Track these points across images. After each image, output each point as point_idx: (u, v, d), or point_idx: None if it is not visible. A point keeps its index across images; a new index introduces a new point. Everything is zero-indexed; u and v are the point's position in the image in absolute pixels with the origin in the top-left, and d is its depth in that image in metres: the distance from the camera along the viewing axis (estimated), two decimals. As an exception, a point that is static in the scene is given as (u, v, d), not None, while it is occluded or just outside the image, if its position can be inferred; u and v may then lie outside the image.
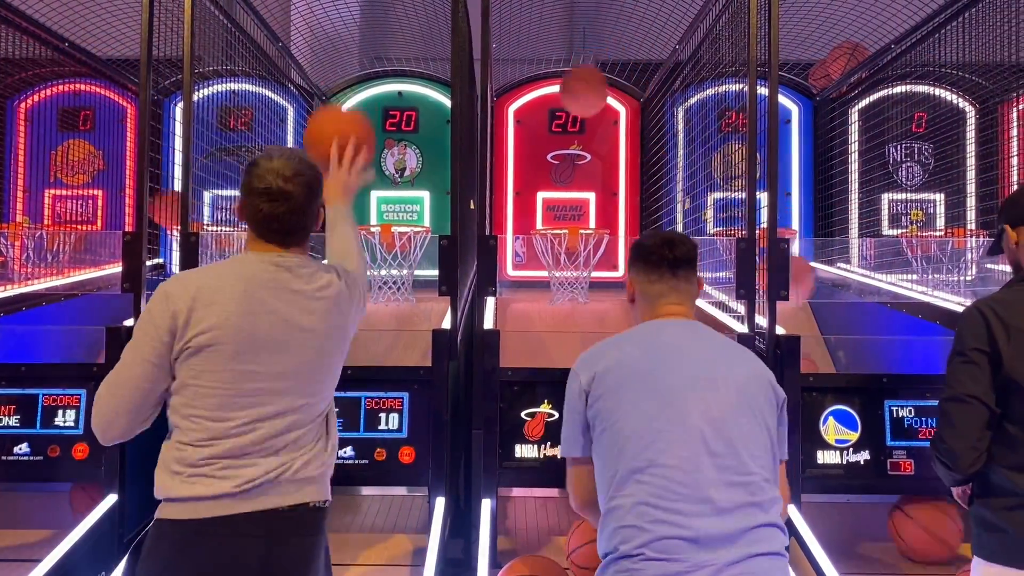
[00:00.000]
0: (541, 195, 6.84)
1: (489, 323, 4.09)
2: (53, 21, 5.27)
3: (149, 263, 3.58)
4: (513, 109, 6.86)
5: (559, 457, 2.14)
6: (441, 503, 3.18)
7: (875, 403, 3.26)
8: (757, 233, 3.45)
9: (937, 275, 5.12)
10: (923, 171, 6.29)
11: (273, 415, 1.87)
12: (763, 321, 3.39)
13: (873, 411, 3.25)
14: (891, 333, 4.50)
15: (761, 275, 3.43)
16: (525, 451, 3.26)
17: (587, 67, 6.20)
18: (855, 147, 6.34)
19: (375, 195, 6.82)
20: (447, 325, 3.57)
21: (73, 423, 3.28)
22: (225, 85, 5.12)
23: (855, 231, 6.36)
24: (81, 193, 6.50)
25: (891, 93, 5.98)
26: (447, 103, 6.60)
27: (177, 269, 3.62)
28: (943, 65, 5.27)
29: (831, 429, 3.22)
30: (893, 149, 6.25)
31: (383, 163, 6.81)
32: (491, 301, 4.42)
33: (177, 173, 3.65)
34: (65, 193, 6.48)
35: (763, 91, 3.52)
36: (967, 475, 2.13)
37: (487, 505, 3.18)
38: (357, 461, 3.23)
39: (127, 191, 6.35)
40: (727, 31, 4.14)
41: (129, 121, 6.42)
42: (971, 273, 5.15)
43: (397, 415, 3.31)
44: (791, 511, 2.96)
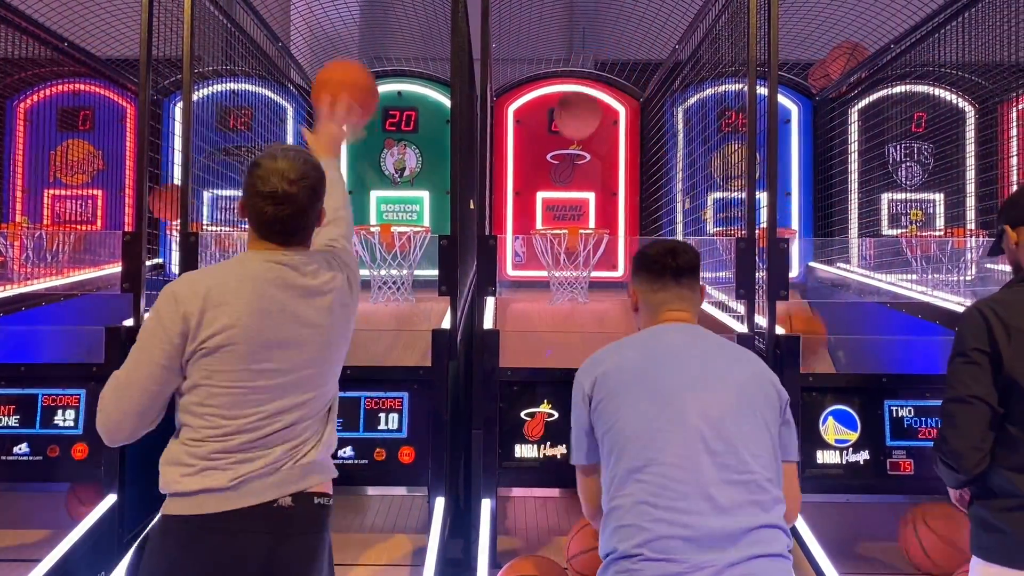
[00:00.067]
0: (541, 195, 6.84)
1: (489, 323, 4.09)
2: (52, 21, 5.27)
3: (149, 263, 3.58)
4: (513, 109, 6.86)
5: (571, 464, 2.14)
6: (441, 503, 3.18)
7: (875, 403, 3.26)
8: (757, 233, 3.45)
9: (937, 275, 5.12)
10: (923, 171, 6.29)
11: (284, 410, 1.90)
12: (763, 321, 3.39)
13: (873, 411, 3.25)
14: (891, 333, 4.50)
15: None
16: (525, 451, 3.27)
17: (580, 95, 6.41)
18: (855, 147, 6.33)
19: (375, 195, 6.81)
20: (447, 325, 3.57)
21: (72, 423, 3.28)
22: (225, 85, 5.12)
23: (855, 231, 6.36)
24: (81, 193, 6.49)
25: (891, 93, 5.98)
26: (447, 103, 6.59)
27: (177, 269, 3.61)
28: (943, 65, 5.27)
29: (831, 429, 3.22)
30: (893, 149, 6.25)
31: (382, 163, 6.81)
32: (491, 301, 4.42)
33: (177, 173, 3.65)
34: (64, 193, 6.47)
35: (763, 91, 3.52)
36: (972, 476, 2.12)
37: (487, 505, 3.18)
38: (357, 461, 3.23)
39: (127, 191, 6.34)
40: (727, 31, 4.14)
41: (129, 121, 6.42)
42: (971, 273, 5.15)
43: (397, 415, 3.31)
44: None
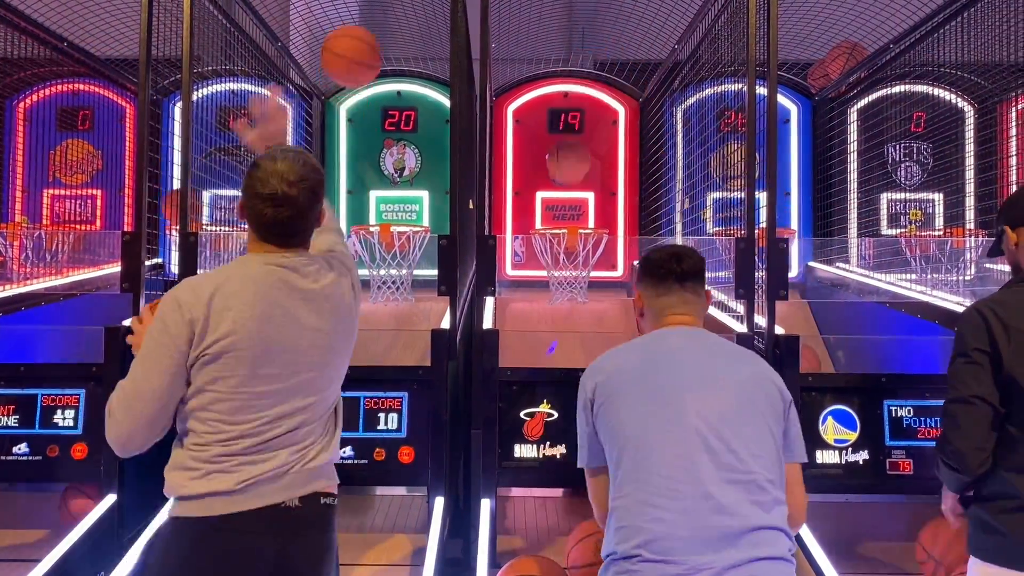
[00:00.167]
0: (540, 195, 6.84)
1: (488, 323, 4.09)
2: (52, 21, 5.27)
3: (148, 263, 3.57)
4: (512, 109, 6.86)
5: (578, 467, 2.13)
6: (440, 503, 3.18)
7: (874, 403, 3.26)
8: (756, 233, 3.45)
9: (936, 275, 5.12)
10: (922, 171, 6.29)
11: (288, 413, 1.89)
12: (762, 321, 3.39)
13: (872, 411, 3.25)
14: (890, 333, 4.51)
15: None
16: (524, 451, 3.26)
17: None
18: (854, 147, 6.34)
19: (374, 195, 6.82)
20: (446, 325, 3.57)
21: (72, 423, 3.28)
22: (224, 85, 5.12)
23: (854, 231, 6.36)
24: (80, 193, 6.49)
25: (890, 93, 5.98)
26: (446, 103, 6.59)
27: (176, 269, 3.61)
28: (942, 65, 5.27)
29: (830, 429, 3.22)
30: (892, 149, 6.26)
31: (382, 163, 6.81)
32: (490, 301, 4.42)
33: (176, 173, 3.65)
34: (64, 193, 6.48)
35: (762, 91, 3.52)
36: (974, 476, 2.11)
37: (486, 505, 3.18)
38: (356, 461, 3.23)
39: (126, 191, 6.34)
40: (726, 31, 4.14)
41: (128, 121, 6.42)
42: (970, 273, 5.16)
43: (396, 415, 3.31)
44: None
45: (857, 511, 3.53)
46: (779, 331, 3.36)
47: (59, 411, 3.29)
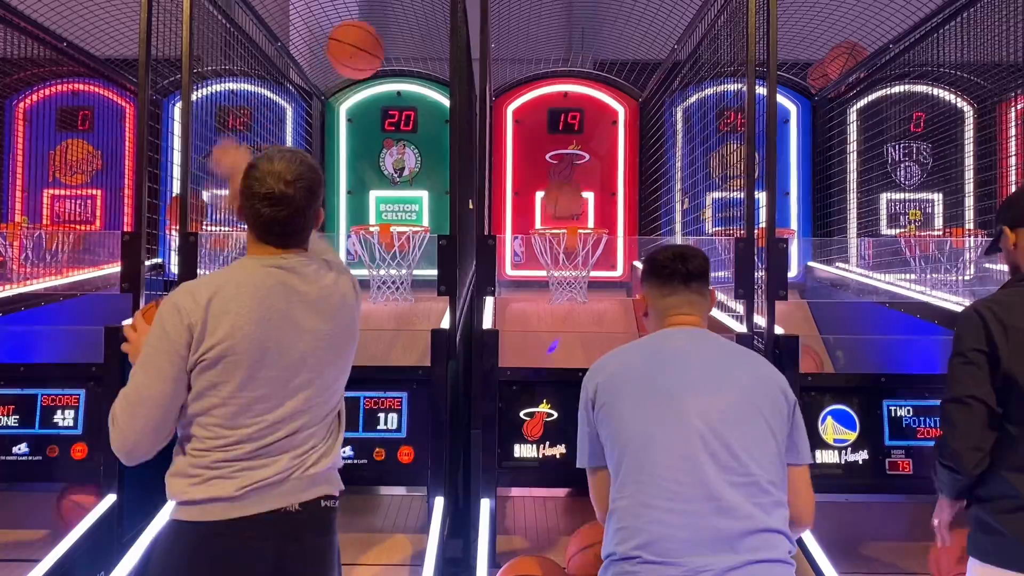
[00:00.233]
0: (540, 195, 6.85)
1: (488, 323, 4.09)
2: (52, 21, 5.27)
3: (148, 263, 3.57)
4: (512, 109, 6.87)
5: (578, 467, 2.13)
6: (440, 503, 3.18)
7: (873, 403, 3.26)
8: (756, 233, 3.45)
9: (935, 275, 5.12)
10: (921, 171, 6.30)
11: (288, 416, 1.88)
12: (762, 321, 3.39)
13: (871, 411, 3.25)
14: (889, 333, 4.51)
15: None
16: (524, 451, 3.26)
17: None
18: (854, 147, 6.34)
19: (374, 195, 6.82)
20: (446, 325, 3.57)
21: (72, 423, 3.28)
22: (224, 85, 5.12)
23: (853, 231, 6.37)
24: (80, 193, 6.49)
25: (889, 93, 5.99)
26: (446, 103, 6.60)
27: (176, 269, 3.61)
28: (941, 65, 5.28)
29: (829, 429, 3.22)
30: (891, 149, 6.26)
31: (382, 163, 6.81)
32: (490, 301, 4.42)
33: (176, 173, 3.65)
34: (64, 193, 6.48)
35: (762, 91, 3.52)
36: (971, 476, 2.11)
37: (486, 505, 3.18)
38: (356, 461, 3.23)
39: (126, 191, 6.34)
40: (726, 31, 4.14)
41: (128, 121, 6.42)
42: (969, 273, 5.16)
43: (396, 415, 3.31)
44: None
45: (857, 511, 3.53)
46: (779, 331, 3.36)
47: (59, 411, 3.29)
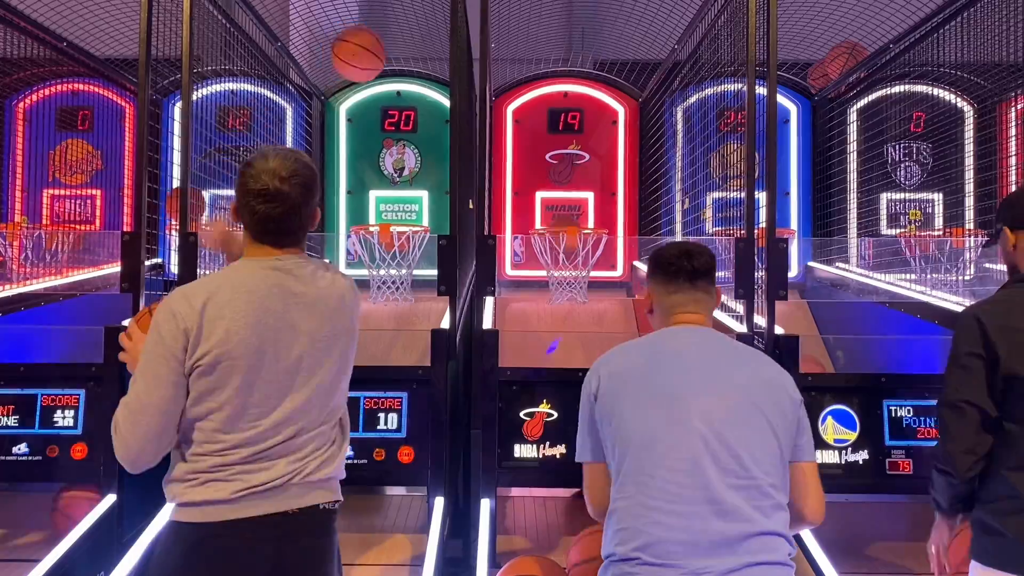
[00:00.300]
0: (540, 195, 6.85)
1: (488, 323, 4.09)
2: (52, 21, 5.27)
3: (148, 263, 3.57)
4: (512, 109, 6.87)
5: (576, 462, 2.13)
6: (440, 503, 3.18)
7: (874, 403, 3.26)
8: (756, 233, 3.45)
9: (935, 275, 5.12)
10: (921, 171, 6.30)
11: (285, 420, 1.86)
12: (762, 321, 3.39)
13: (872, 411, 3.25)
14: (889, 333, 4.51)
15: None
16: (524, 451, 3.26)
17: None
18: (854, 147, 6.34)
19: (373, 195, 6.82)
20: (446, 325, 3.57)
21: (72, 423, 3.28)
22: (224, 85, 5.12)
23: (854, 231, 6.37)
24: (80, 193, 6.49)
25: (890, 93, 5.99)
26: (446, 103, 6.60)
27: (176, 269, 3.61)
28: (942, 65, 5.28)
29: (830, 429, 3.22)
30: (892, 149, 6.26)
31: (381, 163, 6.81)
32: (490, 301, 4.42)
33: (176, 173, 3.65)
34: (64, 193, 6.48)
35: (762, 91, 3.52)
36: (965, 480, 2.11)
37: (486, 505, 3.18)
38: (356, 461, 3.23)
39: (126, 191, 6.34)
40: (726, 31, 4.14)
41: (128, 121, 6.42)
42: (969, 273, 5.16)
43: (396, 415, 3.31)
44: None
45: (857, 511, 3.53)
46: (779, 331, 3.36)
47: (59, 411, 3.29)
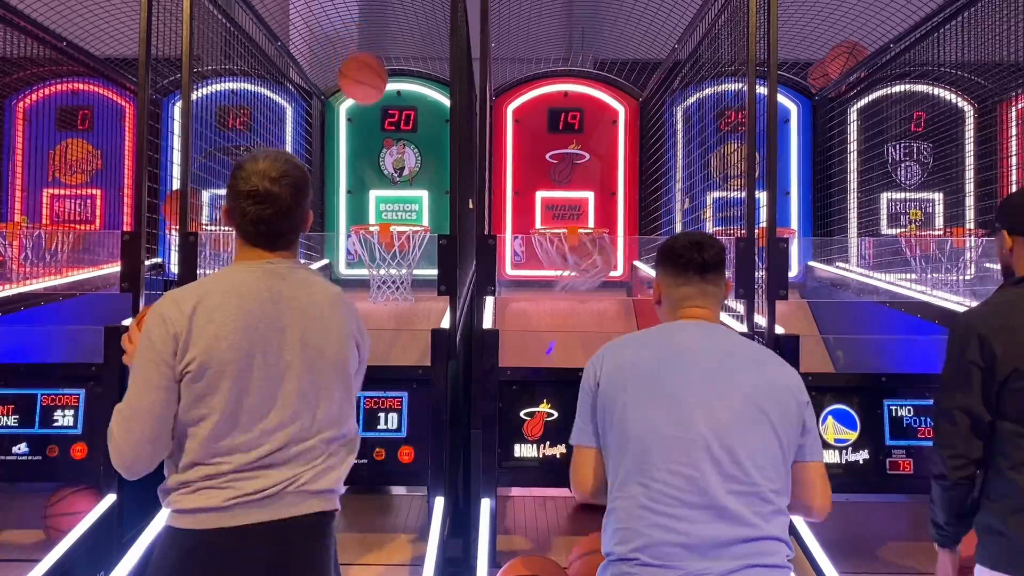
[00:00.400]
0: (540, 194, 6.84)
1: (488, 322, 4.09)
2: (51, 20, 5.27)
3: (148, 263, 3.57)
4: (512, 108, 6.86)
5: (569, 443, 2.13)
6: (440, 503, 3.18)
7: (874, 402, 3.26)
8: (756, 232, 3.45)
9: (936, 274, 5.12)
10: (922, 170, 6.29)
11: (277, 427, 1.85)
12: (762, 320, 3.39)
13: (872, 410, 3.25)
14: (890, 332, 4.50)
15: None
16: (524, 451, 3.26)
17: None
18: (854, 146, 6.34)
19: (373, 194, 6.82)
20: (446, 324, 3.57)
21: (72, 423, 3.28)
22: (224, 84, 5.12)
23: (854, 230, 6.37)
24: (79, 192, 6.49)
25: (890, 92, 5.98)
26: (446, 102, 6.59)
27: (176, 269, 3.61)
28: (942, 64, 5.27)
29: (830, 428, 3.22)
30: (892, 148, 6.26)
31: (381, 162, 6.80)
32: (490, 300, 4.42)
33: (176, 173, 3.65)
34: (63, 192, 6.47)
35: (762, 90, 3.51)
36: (956, 482, 2.12)
37: (486, 505, 3.18)
38: (356, 461, 3.20)
39: (126, 190, 6.34)
40: (726, 30, 4.14)
41: (128, 120, 6.41)
42: (969, 272, 5.16)
43: (396, 415, 3.31)
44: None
45: (857, 511, 3.53)
46: (779, 331, 3.36)
47: (59, 411, 3.29)
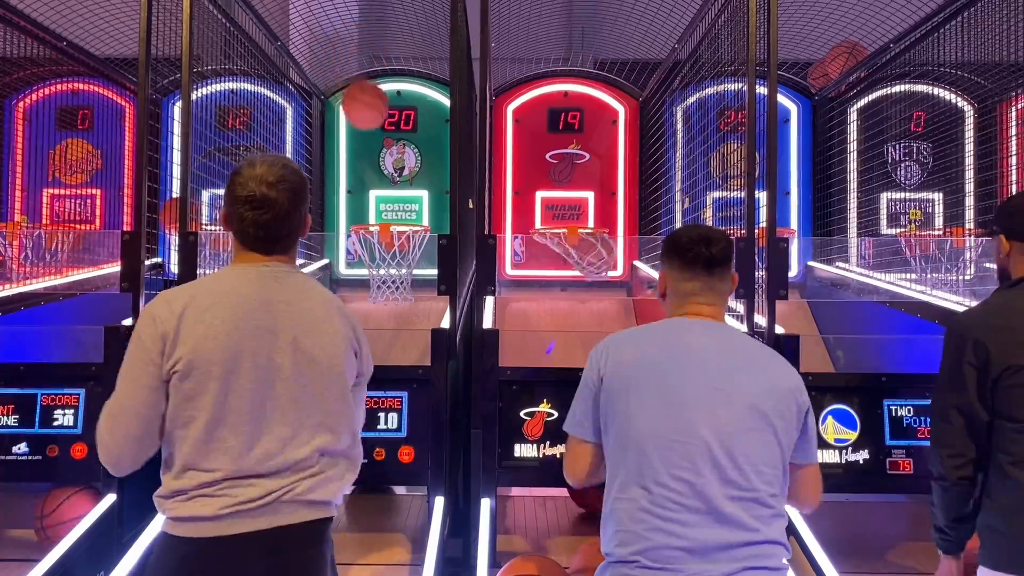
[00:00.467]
0: (540, 194, 6.84)
1: (488, 322, 4.09)
2: (51, 20, 5.26)
3: (148, 262, 3.57)
4: (512, 108, 6.86)
5: (563, 429, 2.13)
6: (440, 503, 3.18)
7: (874, 402, 3.26)
8: (756, 232, 3.45)
9: (936, 274, 5.12)
10: (922, 170, 6.29)
11: (266, 432, 1.82)
12: (762, 320, 3.39)
13: (872, 410, 3.25)
14: (890, 332, 4.50)
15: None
16: (524, 450, 3.26)
17: None
18: (854, 146, 6.34)
19: (373, 194, 6.81)
20: (446, 324, 3.57)
21: (72, 423, 3.28)
22: (224, 84, 5.11)
23: (854, 230, 6.36)
24: (79, 192, 6.48)
25: (890, 92, 5.98)
26: (446, 102, 6.59)
27: (176, 269, 3.61)
28: (942, 64, 5.27)
29: (830, 428, 3.22)
30: (892, 148, 6.25)
31: (381, 162, 6.80)
32: (490, 300, 4.41)
33: (176, 172, 3.65)
34: (63, 192, 6.47)
35: (762, 90, 3.51)
36: (955, 481, 2.13)
37: (486, 504, 3.18)
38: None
39: (126, 190, 6.34)
40: (726, 30, 4.13)
41: (128, 120, 6.41)
42: (969, 272, 5.16)
43: (396, 414, 3.31)
44: (791, 511, 2.95)
45: (857, 511, 3.53)
46: (779, 331, 3.36)
47: (59, 411, 3.29)
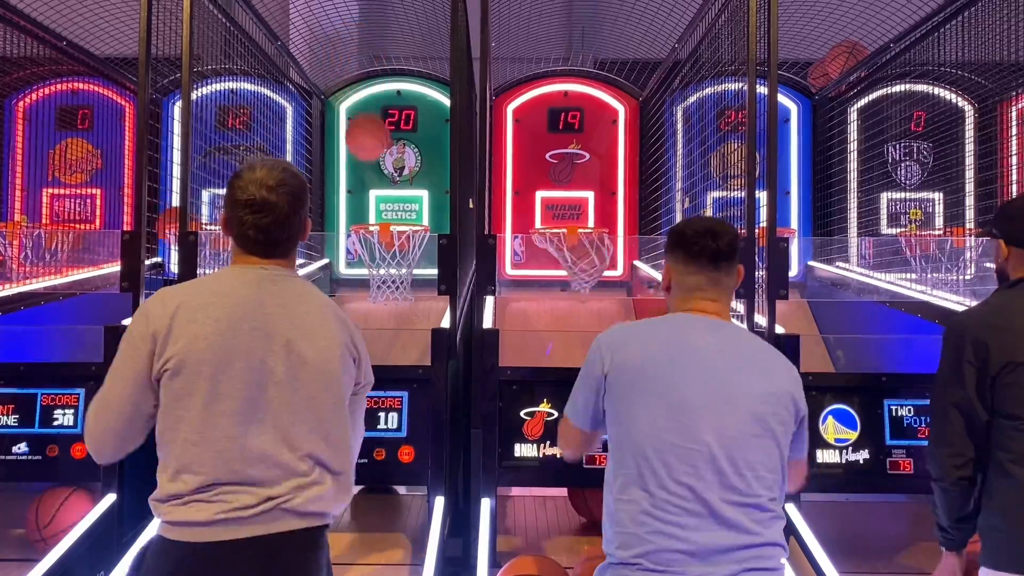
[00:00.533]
0: (540, 194, 6.84)
1: (488, 322, 4.09)
2: (51, 20, 5.26)
3: (148, 262, 3.57)
4: (512, 108, 6.85)
5: (563, 413, 2.13)
6: (440, 502, 3.18)
7: (874, 402, 3.26)
8: (756, 232, 3.45)
9: (936, 274, 5.12)
10: (922, 170, 6.29)
11: (258, 435, 1.80)
12: (762, 320, 3.39)
13: (872, 410, 3.25)
14: (890, 332, 4.50)
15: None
16: (524, 450, 3.26)
17: None
18: (854, 146, 6.33)
19: (373, 194, 6.81)
20: (446, 324, 3.57)
21: (72, 422, 3.28)
22: (224, 84, 5.11)
23: (854, 230, 6.36)
24: (79, 192, 6.48)
25: (890, 92, 5.98)
26: (446, 102, 6.59)
27: (176, 269, 3.61)
28: (942, 64, 5.27)
29: (830, 428, 3.22)
30: (892, 148, 6.25)
31: (382, 162, 6.80)
32: (490, 300, 4.41)
33: (176, 172, 3.65)
34: (63, 192, 6.47)
35: (762, 90, 3.51)
36: (956, 481, 2.13)
37: (486, 504, 3.18)
38: (356, 461, 3.22)
39: (126, 190, 6.34)
40: (726, 30, 4.14)
41: (128, 120, 6.41)
42: (970, 272, 5.16)
43: (396, 414, 3.31)
44: (791, 511, 2.96)
45: (857, 511, 3.53)
46: (779, 330, 3.36)
47: (59, 410, 3.29)
